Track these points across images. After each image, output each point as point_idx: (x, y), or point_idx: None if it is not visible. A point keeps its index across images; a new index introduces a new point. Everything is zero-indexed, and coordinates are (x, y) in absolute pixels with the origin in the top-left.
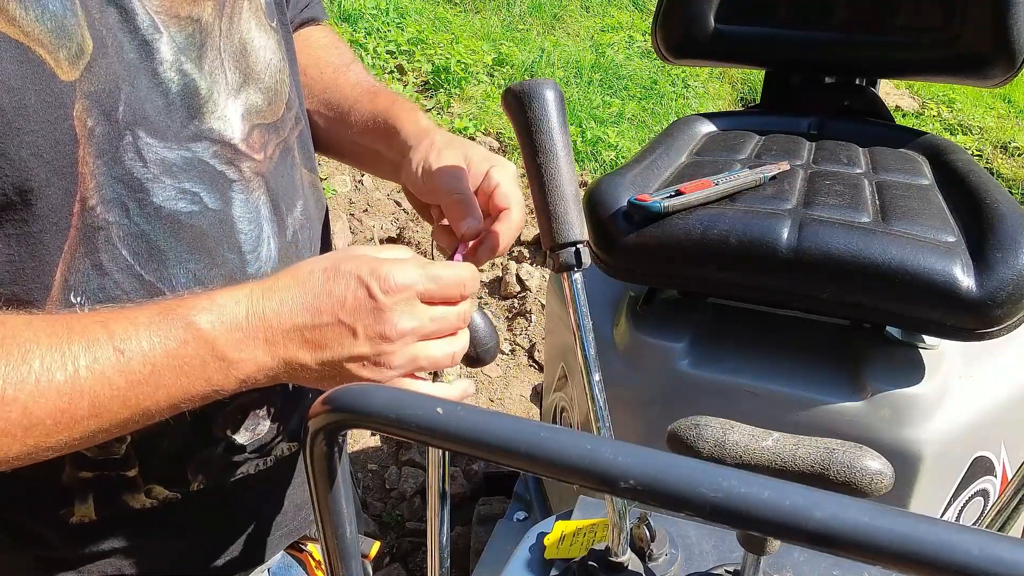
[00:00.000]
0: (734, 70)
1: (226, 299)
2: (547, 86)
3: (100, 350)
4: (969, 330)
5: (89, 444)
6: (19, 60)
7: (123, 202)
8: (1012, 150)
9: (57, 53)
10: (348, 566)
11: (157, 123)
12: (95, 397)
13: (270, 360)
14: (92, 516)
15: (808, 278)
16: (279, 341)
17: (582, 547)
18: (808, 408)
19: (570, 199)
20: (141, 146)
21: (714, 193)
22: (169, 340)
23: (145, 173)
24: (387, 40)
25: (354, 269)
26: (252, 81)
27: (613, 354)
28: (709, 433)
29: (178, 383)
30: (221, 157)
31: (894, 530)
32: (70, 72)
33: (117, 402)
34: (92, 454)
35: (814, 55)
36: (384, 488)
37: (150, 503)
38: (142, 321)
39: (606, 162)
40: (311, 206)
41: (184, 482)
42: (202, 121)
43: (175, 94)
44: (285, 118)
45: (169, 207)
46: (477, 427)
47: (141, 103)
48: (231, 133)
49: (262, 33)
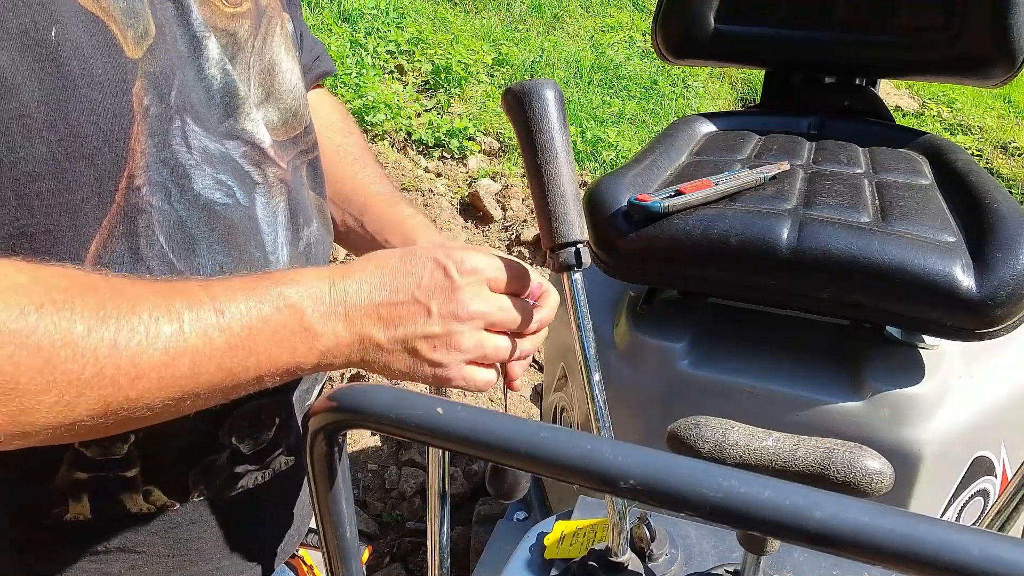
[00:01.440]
0: (734, 70)
1: (310, 276)
2: (547, 86)
3: (202, 309)
4: (969, 330)
5: (169, 415)
6: (92, 32)
7: (166, 186)
8: (1012, 150)
9: (126, 31)
10: (348, 566)
11: (201, 114)
12: (195, 355)
13: (348, 336)
14: (87, 515)
15: (808, 278)
16: (357, 318)
17: (582, 547)
18: (808, 408)
19: (570, 199)
20: (188, 132)
21: (714, 193)
22: (264, 306)
23: (189, 159)
24: (387, 40)
25: (430, 252)
26: (273, 99)
27: (613, 354)
28: (709, 433)
29: (268, 351)
30: (249, 158)
31: (894, 530)
32: (135, 51)
33: (214, 364)
34: (92, 454)
35: (814, 55)
36: (384, 488)
37: (147, 507)
38: (238, 287)
39: (606, 162)
40: (324, 228)
41: (184, 490)
42: (236, 120)
43: (215, 91)
44: (299, 140)
45: (207, 196)
46: (477, 427)
47: (189, 92)
48: (261, 137)
49: (289, 58)
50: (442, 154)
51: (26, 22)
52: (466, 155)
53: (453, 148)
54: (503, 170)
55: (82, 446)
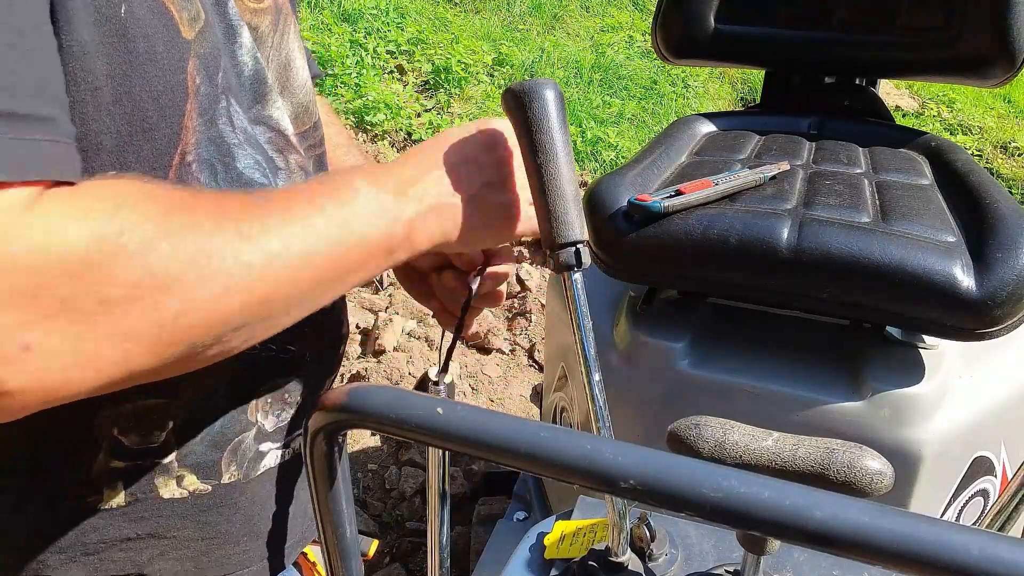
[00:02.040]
0: (734, 70)
1: (376, 168)
2: (547, 86)
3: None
4: (969, 330)
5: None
6: (155, 11)
7: (213, 163)
8: (1012, 150)
9: (182, 13)
10: (348, 566)
11: (239, 96)
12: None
13: (420, 207)
14: (122, 503)
15: (808, 278)
16: (423, 192)
17: (582, 547)
18: (808, 408)
19: (570, 199)
20: (232, 112)
21: (714, 193)
22: (356, 204)
23: (233, 138)
24: (387, 40)
25: (455, 130)
26: (287, 94)
27: (613, 354)
28: (709, 433)
29: (367, 236)
30: (273, 144)
31: (894, 530)
32: (189, 32)
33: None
34: (130, 442)
35: (814, 55)
36: (384, 488)
37: (180, 493)
38: (324, 189)
39: (606, 162)
40: None
41: (217, 473)
42: (264, 107)
43: (247, 77)
44: (308, 135)
45: (248, 174)
46: (477, 427)
47: (229, 76)
48: (285, 125)
49: (301, 56)
50: None
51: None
52: None
53: None
54: None
55: (121, 434)
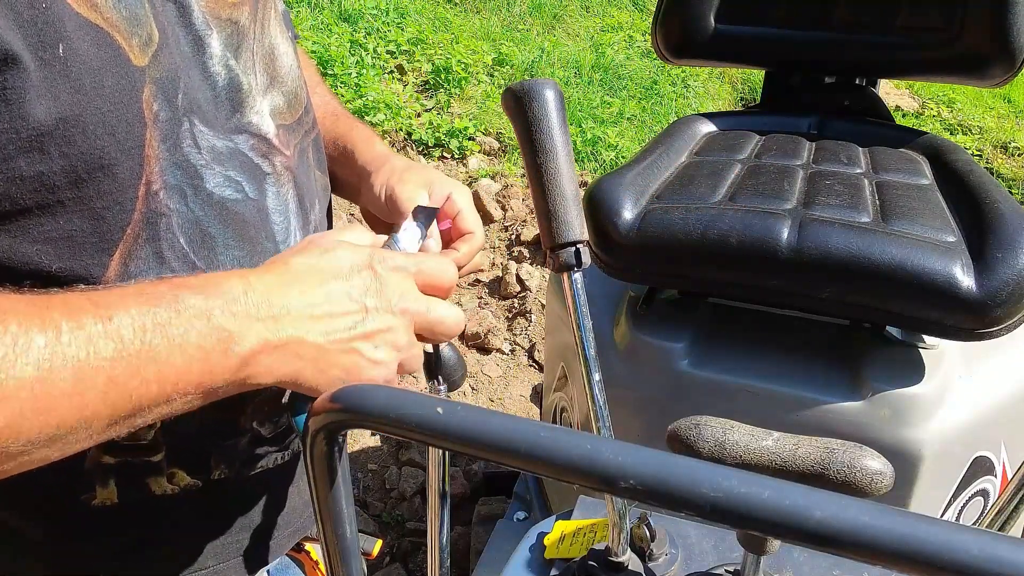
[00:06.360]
0: (734, 70)
1: (217, 277)
2: (547, 86)
3: (84, 316)
4: (969, 330)
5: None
6: (99, 44)
7: (182, 188)
8: (1012, 150)
9: (131, 39)
10: (348, 566)
11: (207, 113)
12: (78, 367)
13: (275, 338)
14: (114, 499)
15: (808, 278)
16: (286, 318)
17: (582, 547)
18: (808, 408)
19: (570, 199)
20: (196, 133)
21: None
22: (160, 309)
23: (199, 159)
24: (387, 40)
25: (352, 252)
26: (277, 84)
27: (613, 354)
28: (709, 433)
29: (172, 359)
30: (257, 150)
31: (894, 530)
32: (141, 58)
33: (103, 377)
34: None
35: (814, 55)
36: (384, 488)
37: (171, 489)
38: (131, 292)
39: (606, 162)
40: (325, 206)
41: (207, 469)
42: (243, 115)
43: (221, 88)
44: (302, 121)
45: (219, 194)
46: (477, 427)
47: (195, 93)
48: (266, 128)
49: (284, 41)
50: (442, 154)
51: (33, 42)
52: (466, 155)
53: (453, 148)
54: (503, 170)
55: None
